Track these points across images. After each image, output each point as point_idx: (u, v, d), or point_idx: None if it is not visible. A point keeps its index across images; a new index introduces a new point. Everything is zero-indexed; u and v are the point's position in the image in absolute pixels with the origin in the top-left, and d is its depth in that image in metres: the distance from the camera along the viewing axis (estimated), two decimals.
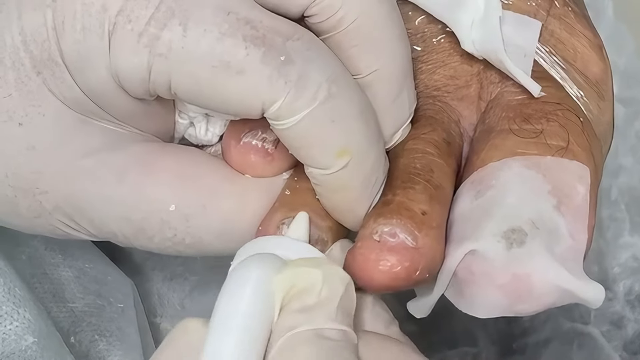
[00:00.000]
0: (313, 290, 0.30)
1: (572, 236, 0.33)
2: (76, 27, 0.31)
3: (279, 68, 0.31)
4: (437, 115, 0.38)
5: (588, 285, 0.33)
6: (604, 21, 0.60)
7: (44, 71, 0.32)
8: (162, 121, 0.36)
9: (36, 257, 0.44)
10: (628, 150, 0.59)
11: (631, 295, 0.58)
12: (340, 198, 0.34)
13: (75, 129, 0.33)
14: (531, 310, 0.33)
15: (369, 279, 0.32)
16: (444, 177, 0.35)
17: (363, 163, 0.33)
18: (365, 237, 0.33)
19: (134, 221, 0.34)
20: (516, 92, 0.37)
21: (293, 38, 0.31)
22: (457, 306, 0.33)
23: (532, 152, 0.35)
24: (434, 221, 0.33)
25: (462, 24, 0.37)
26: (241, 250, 0.33)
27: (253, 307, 0.30)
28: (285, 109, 0.31)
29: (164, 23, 0.31)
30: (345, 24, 0.33)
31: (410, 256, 0.32)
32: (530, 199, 0.33)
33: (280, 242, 0.33)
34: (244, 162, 0.35)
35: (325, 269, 0.31)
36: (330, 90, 0.31)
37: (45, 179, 0.34)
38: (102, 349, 0.45)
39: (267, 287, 0.30)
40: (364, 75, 0.34)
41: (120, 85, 0.32)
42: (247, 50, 0.31)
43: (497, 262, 0.32)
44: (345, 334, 0.30)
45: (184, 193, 0.34)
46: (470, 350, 0.57)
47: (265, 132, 0.35)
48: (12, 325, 0.38)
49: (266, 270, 0.31)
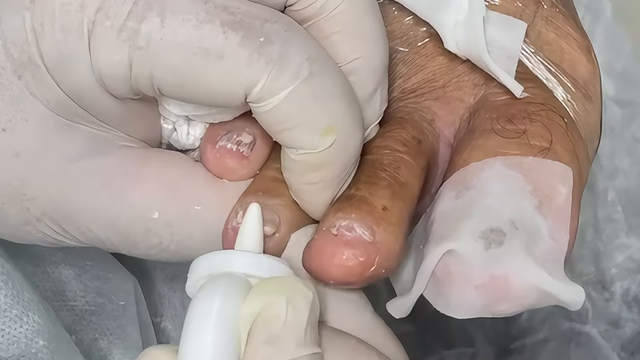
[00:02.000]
0: (278, 318, 0.30)
1: (553, 237, 0.33)
2: (55, 27, 0.31)
3: (258, 49, 0.31)
4: (407, 116, 0.38)
5: (568, 286, 0.32)
6: (602, 23, 0.60)
7: (25, 74, 0.32)
8: (148, 125, 0.36)
9: (37, 255, 0.44)
10: (624, 151, 0.59)
11: (628, 295, 0.58)
12: (315, 177, 0.33)
13: (60, 135, 0.33)
14: (509, 311, 0.32)
15: (323, 272, 0.32)
16: (410, 175, 0.35)
17: (348, 142, 0.33)
18: (322, 230, 0.33)
19: (119, 228, 0.34)
20: (500, 93, 0.37)
21: (271, 21, 0.31)
22: (435, 306, 0.33)
23: (514, 152, 0.34)
24: (394, 217, 0.33)
25: (446, 24, 0.37)
26: (194, 264, 0.33)
27: (219, 342, 0.29)
28: (268, 89, 0.31)
29: (142, 16, 0.30)
30: (328, 10, 0.33)
31: (366, 251, 0.32)
32: (510, 199, 0.33)
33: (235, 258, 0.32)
34: (220, 165, 0.35)
35: (288, 292, 0.30)
36: (311, 68, 0.31)
37: (31, 185, 0.33)
38: (103, 347, 0.45)
39: (234, 318, 0.30)
40: (346, 62, 0.34)
41: (102, 85, 0.32)
42: (226, 34, 0.31)
43: (474, 263, 0.32)
44: (315, 357, 0.30)
45: (166, 201, 0.34)
46: (467, 350, 0.57)
47: (240, 136, 0.35)
48: (22, 329, 0.38)
49: (229, 301, 0.30)
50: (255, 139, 0.36)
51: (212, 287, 0.30)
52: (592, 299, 0.58)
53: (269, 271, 0.32)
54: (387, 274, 0.33)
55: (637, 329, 0.57)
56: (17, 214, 0.34)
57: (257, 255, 0.33)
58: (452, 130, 0.38)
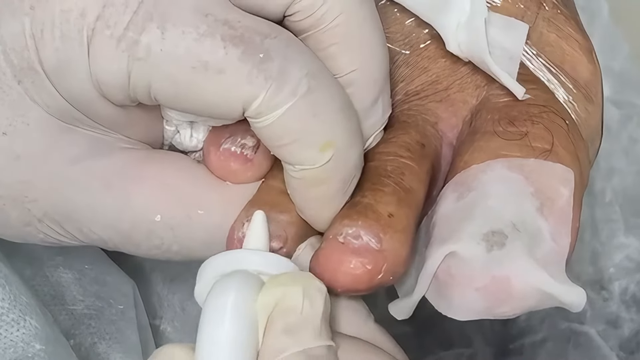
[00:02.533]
0: (295, 308, 0.30)
1: (554, 239, 0.33)
2: (55, 35, 0.31)
3: (258, 65, 0.31)
4: (410, 120, 0.38)
5: (569, 288, 0.32)
6: (599, 24, 0.60)
7: (24, 80, 0.32)
8: (147, 128, 0.36)
9: (35, 258, 0.44)
10: (622, 152, 0.59)
11: (626, 295, 0.58)
12: (316, 193, 0.33)
13: (60, 137, 0.33)
14: (511, 313, 0.32)
15: (331, 280, 0.32)
16: (415, 180, 0.35)
17: (346, 157, 0.33)
18: (329, 238, 0.33)
19: (120, 229, 0.34)
20: (502, 95, 0.37)
21: (271, 36, 0.31)
22: (437, 308, 0.33)
23: (515, 155, 0.34)
24: (400, 224, 0.33)
25: (447, 25, 0.37)
26: (203, 268, 0.33)
27: (237, 334, 0.29)
28: (266, 105, 0.31)
29: (143, 27, 0.30)
30: (326, 21, 0.33)
31: (373, 258, 0.32)
32: (512, 201, 0.33)
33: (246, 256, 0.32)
34: (223, 168, 0.35)
35: (303, 284, 0.31)
36: (310, 84, 0.31)
37: (32, 187, 0.34)
38: (102, 351, 0.44)
39: (249, 311, 0.30)
40: (343, 74, 0.34)
41: (100, 92, 0.32)
42: (226, 49, 0.31)
43: (476, 264, 0.32)
44: (330, 349, 0.31)
45: (168, 203, 0.34)
46: (465, 351, 0.57)
47: (244, 139, 0.35)
48: (19, 333, 0.37)
49: (245, 293, 0.30)
50: (259, 142, 0.35)
51: (226, 283, 0.31)
52: (591, 299, 0.58)
53: (279, 268, 0.32)
54: (395, 280, 0.33)
55: (636, 329, 0.57)
56: (18, 215, 0.34)
57: (266, 253, 0.33)
58: (455, 133, 0.38)
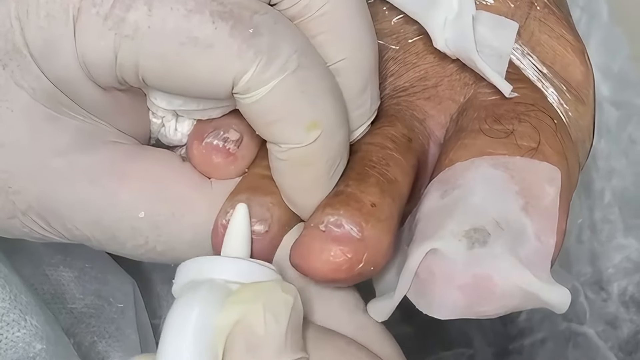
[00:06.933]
0: (256, 326, 0.29)
1: (539, 238, 0.32)
2: (40, 15, 0.31)
3: (247, 40, 0.31)
4: (398, 114, 0.37)
5: (553, 288, 0.32)
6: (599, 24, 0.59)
7: (9, 64, 0.32)
8: (136, 118, 0.35)
9: (35, 257, 0.44)
10: (621, 152, 0.59)
11: (625, 295, 0.58)
12: (301, 176, 0.33)
13: (46, 126, 0.33)
14: (494, 312, 0.32)
15: (311, 268, 0.32)
16: (399, 172, 0.34)
17: (332, 139, 0.33)
18: (310, 226, 0.32)
19: (104, 226, 0.34)
20: (489, 93, 0.37)
21: (260, 12, 0.31)
22: (417, 307, 0.32)
23: (501, 152, 0.34)
24: (382, 214, 0.33)
25: (435, 22, 0.37)
26: (179, 269, 0.33)
27: (196, 353, 0.29)
28: (255, 80, 0.31)
29: (129, 4, 0.30)
30: (312, 10, 0.33)
31: (354, 247, 0.32)
32: (495, 199, 0.32)
33: (218, 265, 0.32)
34: (206, 162, 0.35)
35: (265, 299, 0.30)
36: (300, 61, 0.31)
37: (16, 178, 0.33)
38: (102, 350, 0.44)
39: (209, 328, 0.29)
40: (331, 63, 0.34)
41: (87, 73, 0.32)
42: (215, 24, 0.30)
43: (457, 262, 0.31)
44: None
45: (153, 200, 0.34)
46: (465, 351, 0.57)
47: (227, 132, 0.35)
48: (20, 333, 0.37)
49: (208, 308, 0.30)
50: (242, 136, 0.35)
51: (192, 295, 0.30)
52: (590, 300, 0.58)
53: (250, 276, 0.32)
54: (375, 271, 0.33)
55: (635, 329, 0.57)
56: (2, 207, 0.34)
57: (240, 260, 0.33)
58: (443, 132, 0.38)
